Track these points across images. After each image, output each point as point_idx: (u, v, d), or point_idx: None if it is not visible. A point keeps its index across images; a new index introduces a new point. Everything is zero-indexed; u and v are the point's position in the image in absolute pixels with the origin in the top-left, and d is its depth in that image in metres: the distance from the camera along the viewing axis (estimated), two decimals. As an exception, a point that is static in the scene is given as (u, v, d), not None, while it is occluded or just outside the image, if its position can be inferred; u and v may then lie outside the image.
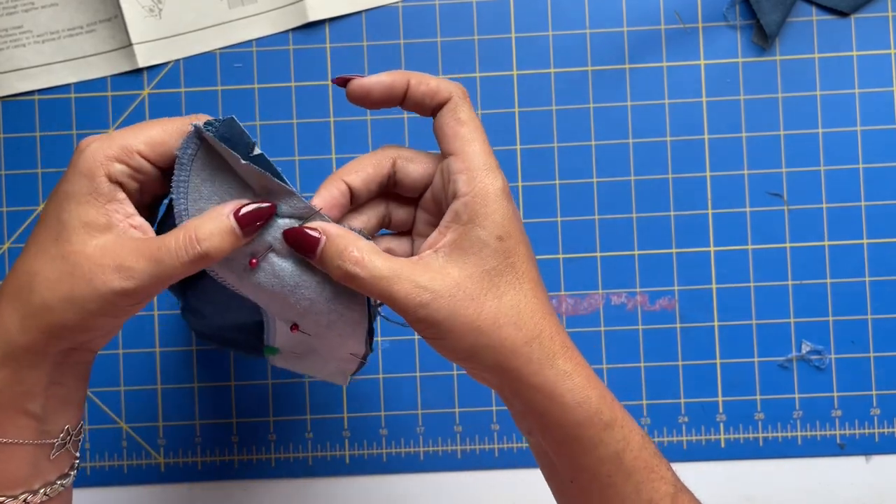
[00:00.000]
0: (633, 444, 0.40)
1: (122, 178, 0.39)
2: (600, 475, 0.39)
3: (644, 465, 0.39)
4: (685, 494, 0.41)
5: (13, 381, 0.39)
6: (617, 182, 0.62)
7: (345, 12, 0.63)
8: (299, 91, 0.63)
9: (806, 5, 0.62)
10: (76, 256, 0.38)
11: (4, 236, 0.63)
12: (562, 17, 0.63)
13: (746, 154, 0.62)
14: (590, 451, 0.39)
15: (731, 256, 0.62)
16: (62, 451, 0.41)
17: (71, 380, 0.41)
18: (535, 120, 0.63)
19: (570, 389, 0.39)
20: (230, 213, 0.38)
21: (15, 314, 0.38)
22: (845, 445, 0.62)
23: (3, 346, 0.38)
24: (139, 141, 0.39)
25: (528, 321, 0.39)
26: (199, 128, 0.38)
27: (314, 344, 0.45)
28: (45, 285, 0.38)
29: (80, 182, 0.38)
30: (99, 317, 0.38)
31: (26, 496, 0.40)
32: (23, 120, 0.63)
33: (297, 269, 0.40)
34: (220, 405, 0.63)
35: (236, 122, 0.38)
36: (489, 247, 0.39)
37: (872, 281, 0.62)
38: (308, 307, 0.41)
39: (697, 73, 0.62)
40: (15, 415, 0.39)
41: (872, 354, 0.62)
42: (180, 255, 0.37)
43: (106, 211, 0.38)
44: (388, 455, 0.63)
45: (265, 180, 0.39)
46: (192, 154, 0.39)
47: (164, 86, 0.63)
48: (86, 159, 0.38)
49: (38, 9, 0.63)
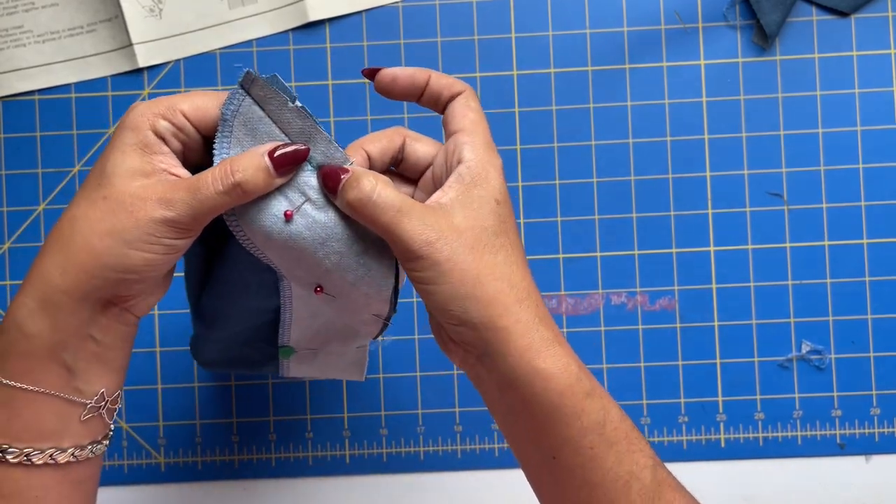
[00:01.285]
0: (612, 414, 0.40)
1: (166, 134, 0.40)
2: (583, 447, 0.40)
3: (624, 437, 0.40)
4: (663, 469, 0.41)
5: (50, 328, 0.39)
6: (617, 182, 0.62)
7: (345, 12, 0.63)
8: (299, 91, 0.63)
9: (806, 5, 0.63)
10: (118, 195, 0.39)
11: (4, 236, 0.63)
12: (562, 17, 0.63)
13: (746, 154, 0.62)
14: (572, 422, 0.39)
15: (731, 256, 0.62)
16: (95, 414, 0.42)
17: (109, 340, 0.41)
18: (535, 120, 0.63)
19: (553, 355, 0.40)
20: (265, 153, 0.40)
21: (56, 258, 0.39)
22: (845, 445, 0.62)
23: (42, 290, 0.39)
24: (184, 103, 0.41)
25: (520, 283, 0.41)
26: (250, 73, 0.40)
27: (338, 309, 0.45)
28: (87, 225, 0.39)
29: (127, 135, 0.40)
30: (140, 251, 0.39)
31: (53, 452, 0.41)
32: (23, 120, 0.63)
33: (330, 220, 0.41)
34: (221, 405, 0.63)
35: (279, 78, 0.40)
36: (488, 206, 0.41)
37: (872, 281, 0.62)
38: (337, 262, 0.42)
39: (697, 72, 0.62)
40: (48, 363, 0.40)
41: (872, 354, 0.62)
42: (216, 185, 0.39)
43: (150, 160, 0.40)
44: (388, 455, 0.63)
45: (306, 125, 0.41)
46: (236, 109, 0.40)
47: (164, 86, 0.63)
48: (133, 115, 0.40)
49: (38, 9, 0.63)
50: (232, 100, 0.40)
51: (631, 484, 0.40)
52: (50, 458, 0.40)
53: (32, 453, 0.40)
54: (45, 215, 0.63)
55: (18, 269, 0.63)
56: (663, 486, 0.40)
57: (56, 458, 0.41)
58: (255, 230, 0.41)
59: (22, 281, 0.40)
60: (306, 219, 0.41)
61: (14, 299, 0.40)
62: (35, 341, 0.40)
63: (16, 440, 0.40)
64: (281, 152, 0.40)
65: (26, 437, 0.40)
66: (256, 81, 0.40)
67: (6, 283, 0.63)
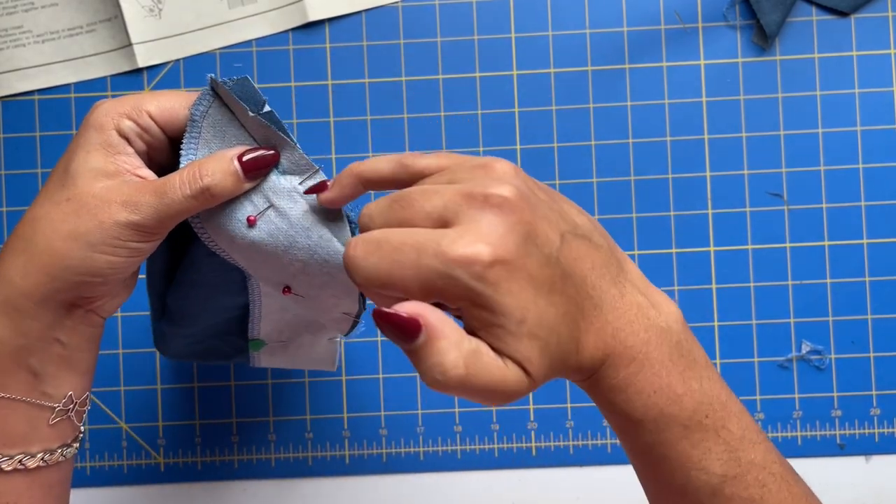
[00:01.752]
0: (664, 436, 0.37)
1: (130, 134, 0.40)
2: (638, 458, 0.39)
3: (677, 456, 0.37)
4: (735, 483, 0.38)
5: (13, 332, 0.39)
6: (617, 182, 0.62)
7: (345, 12, 0.63)
8: (299, 91, 0.63)
9: (806, 5, 0.62)
10: (82, 196, 0.38)
11: (4, 236, 0.63)
12: (562, 17, 0.63)
13: (746, 154, 0.62)
14: (625, 443, 0.39)
15: (731, 256, 0.62)
16: (63, 418, 0.41)
17: (75, 342, 0.41)
18: (535, 120, 0.63)
19: (614, 398, 0.37)
20: (234, 156, 0.39)
21: (17, 260, 0.39)
22: (845, 445, 0.62)
23: (4, 294, 0.39)
24: (150, 103, 0.40)
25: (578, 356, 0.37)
26: (215, 80, 0.39)
27: (306, 306, 0.45)
28: (49, 226, 0.38)
29: (91, 134, 0.39)
30: (103, 254, 0.38)
31: (22, 457, 0.40)
32: (23, 120, 0.63)
33: (292, 229, 0.41)
34: (220, 405, 0.63)
35: (249, 81, 0.40)
36: (545, 335, 0.35)
37: (872, 281, 0.62)
38: (301, 268, 0.42)
39: (697, 73, 0.62)
40: (14, 368, 0.39)
41: (872, 354, 0.62)
42: (184, 188, 0.38)
43: (114, 160, 0.39)
44: (388, 455, 0.63)
45: (269, 133, 0.40)
46: (205, 111, 0.40)
47: (163, 86, 0.63)
48: (97, 114, 0.40)
49: (38, 9, 0.63)
50: (201, 101, 0.40)
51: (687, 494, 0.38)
52: (19, 463, 0.40)
53: (1, 460, 0.40)
54: (44, 215, 0.63)
55: (18, 269, 0.63)
56: (729, 502, 0.38)
57: (26, 463, 0.40)
58: (220, 233, 0.41)
59: None
60: (269, 225, 0.41)
61: None
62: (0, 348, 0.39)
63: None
64: (250, 156, 0.39)
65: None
66: (220, 85, 0.39)
67: (6, 283, 0.63)
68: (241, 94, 0.39)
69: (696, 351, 0.38)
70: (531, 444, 0.62)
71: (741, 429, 0.38)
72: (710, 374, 0.38)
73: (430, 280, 0.33)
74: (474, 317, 0.34)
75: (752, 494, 0.37)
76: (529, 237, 0.34)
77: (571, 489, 0.62)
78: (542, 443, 0.62)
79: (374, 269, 0.34)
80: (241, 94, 0.39)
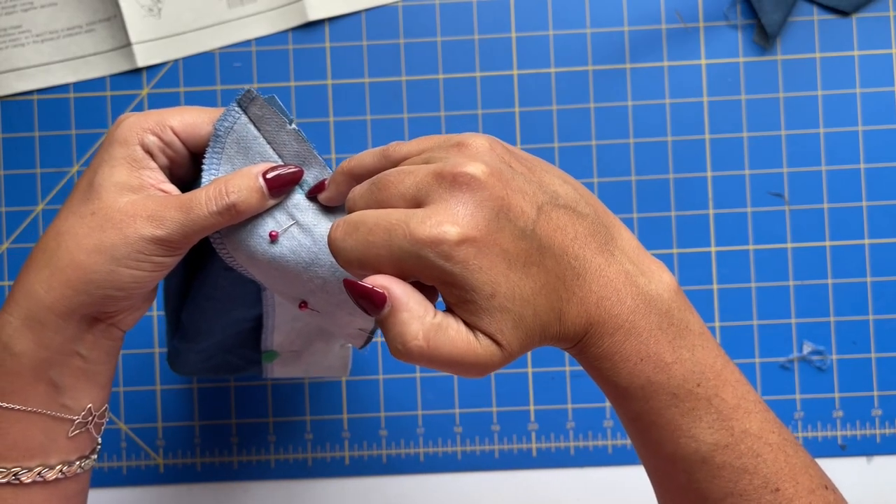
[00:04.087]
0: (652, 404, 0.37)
1: (154, 149, 0.40)
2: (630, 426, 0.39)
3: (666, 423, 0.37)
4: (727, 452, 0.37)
5: (35, 345, 0.39)
6: (617, 182, 0.62)
7: (344, 12, 0.63)
8: (299, 91, 0.63)
9: (807, 5, 0.62)
10: (107, 210, 0.39)
11: (4, 236, 0.63)
12: (562, 16, 0.63)
13: (747, 154, 0.62)
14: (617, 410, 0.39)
15: (732, 256, 0.62)
16: (82, 430, 0.41)
17: (95, 355, 0.41)
18: (535, 120, 0.62)
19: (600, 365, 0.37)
20: (259, 173, 0.39)
21: (41, 274, 0.39)
22: (847, 446, 0.62)
23: (27, 307, 0.39)
24: (174, 119, 0.40)
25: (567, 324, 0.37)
26: (250, 91, 0.40)
27: (321, 321, 0.45)
28: (74, 241, 0.38)
29: (115, 149, 0.40)
30: (127, 268, 0.38)
31: (41, 469, 0.40)
32: (22, 120, 0.63)
33: (315, 246, 0.41)
34: (220, 406, 0.63)
35: (276, 99, 0.40)
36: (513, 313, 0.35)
37: (874, 281, 0.62)
38: (320, 286, 0.42)
39: (698, 72, 0.62)
40: (35, 381, 0.39)
41: (874, 355, 0.62)
42: (210, 205, 0.39)
43: (139, 175, 0.39)
44: (388, 456, 0.62)
45: (302, 149, 0.40)
46: (230, 126, 0.40)
47: (163, 85, 0.63)
48: (122, 129, 0.40)
49: (36, 8, 0.62)
50: (227, 116, 0.40)
51: None
52: (38, 475, 0.40)
53: (21, 472, 0.40)
54: (43, 215, 0.63)
55: (18, 270, 0.63)
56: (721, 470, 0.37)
57: (45, 475, 0.40)
58: (240, 249, 0.41)
59: (6, 296, 0.40)
60: (292, 242, 0.41)
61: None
62: (21, 360, 0.39)
63: (3, 459, 0.40)
64: (275, 174, 0.40)
65: (14, 455, 0.40)
66: (256, 100, 0.40)
67: (6, 284, 0.63)
68: (270, 108, 0.40)
69: (691, 319, 0.38)
70: (532, 445, 0.62)
71: (736, 398, 0.37)
72: (705, 342, 0.38)
73: (401, 260, 0.34)
74: (448, 294, 0.35)
75: (745, 464, 0.37)
76: (501, 212, 0.34)
77: (572, 490, 0.62)
78: (542, 444, 0.62)
79: (351, 250, 0.35)
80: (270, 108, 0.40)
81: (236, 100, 0.40)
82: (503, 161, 0.36)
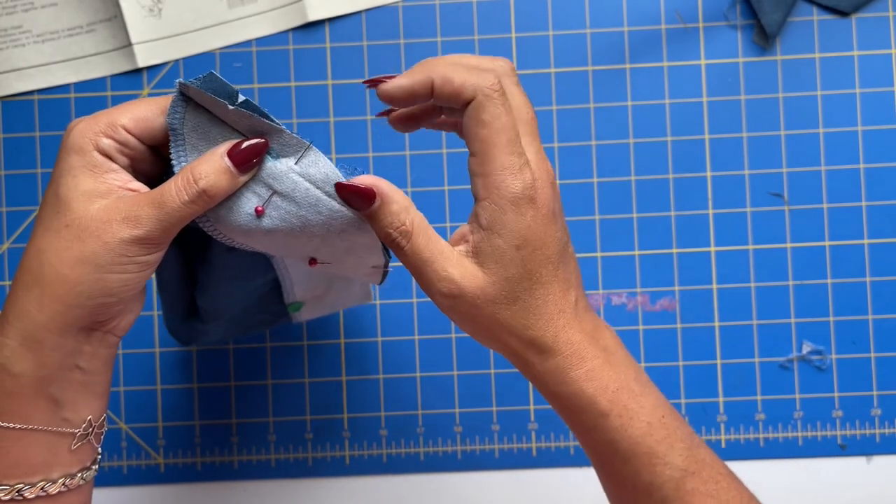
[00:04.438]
0: (632, 431, 0.41)
1: (111, 151, 0.39)
2: (602, 470, 0.43)
3: (645, 451, 0.41)
4: (695, 479, 0.41)
5: (34, 365, 0.39)
6: (617, 182, 0.62)
7: (345, 12, 0.63)
8: (299, 91, 0.63)
9: (807, 5, 0.62)
10: (80, 220, 0.38)
11: (4, 236, 0.63)
12: (562, 17, 0.63)
13: (747, 154, 0.62)
14: (585, 435, 0.42)
15: (731, 256, 0.62)
16: (84, 442, 0.42)
17: (94, 366, 0.41)
18: (535, 120, 0.62)
19: (566, 383, 0.41)
20: (223, 153, 0.39)
21: (31, 293, 0.39)
22: (846, 446, 0.62)
23: (22, 327, 0.39)
24: (123, 116, 0.40)
25: (538, 328, 0.41)
26: (184, 84, 0.39)
27: (334, 270, 0.47)
28: (55, 256, 0.38)
29: (73, 158, 0.39)
30: (113, 273, 0.38)
31: (44, 484, 0.40)
32: (22, 120, 0.63)
33: (301, 210, 0.41)
34: (220, 405, 0.63)
35: (216, 75, 0.39)
36: (507, 255, 0.40)
37: (873, 281, 0.62)
38: (320, 243, 0.42)
39: (698, 72, 0.62)
40: (35, 399, 0.39)
41: (873, 354, 0.62)
42: (181, 195, 0.38)
43: (104, 180, 0.39)
44: (388, 455, 0.62)
45: (254, 122, 0.40)
46: (182, 117, 0.40)
47: (163, 86, 0.63)
48: (74, 136, 0.39)
49: (37, 9, 0.62)
50: (175, 109, 0.40)
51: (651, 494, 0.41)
52: (41, 490, 0.40)
53: (24, 488, 0.40)
54: (44, 215, 0.63)
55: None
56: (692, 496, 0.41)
57: (48, 489, 0.40)
58: (234, 230, 0.41)
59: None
60: (278, 211, 0.41)
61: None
62: (21, 380, 0.39)
63: (6, 477, 0.40)
64: (239, 150, 0.39)
65: (17, 473, 0.40)
66: (191, 90, 0.39)
67: (6, 284, 0.63)
68: (213, 90, 0.39)
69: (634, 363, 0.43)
70: (531, 444, 0.62)
71: (688, 434, 0.42)
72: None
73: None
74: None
75: (709, 489, 0.41)
76: (558, 216, 0.42)
77: (572, 490, 0.62)
78: (542, 443, 0.62)
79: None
80: (212, 90, 0.39)
81: (177, 91, 0.40)
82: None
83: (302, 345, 0.63)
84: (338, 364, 0.63)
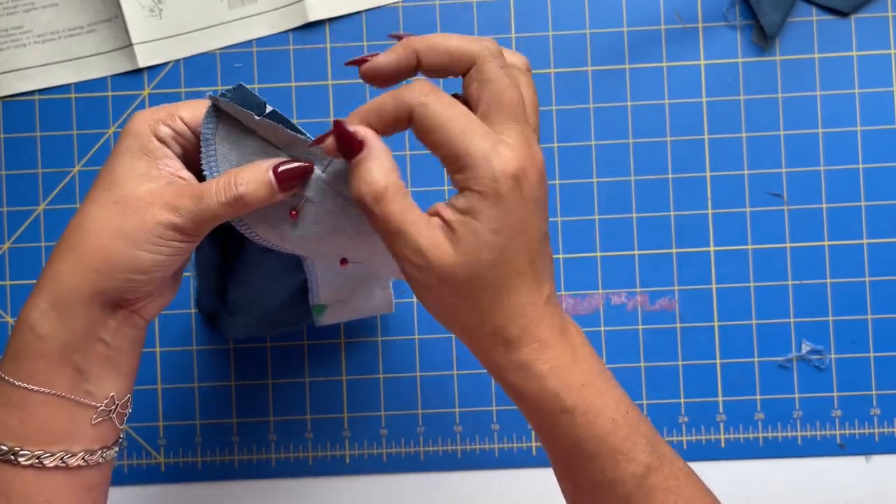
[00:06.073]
0: (597, 429, 0.40)
1: (167, 139, 0.42)
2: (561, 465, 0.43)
3: (609, 448, 0.40)
4: (657, 475, 0.41)
5: (61, 329, 0.40)
6: (617, 182, 0.62)
7: (345, 12, 0.63)
8: (299, 91, 0.63)
9: (806, 5, 0.62)
10: (128, 199, 0.41)
11: (4, 236, 0.63)
12: (562, 17, 0.63)
13: (746, 154, 0.62)
14: (548, 432, 0.41)
15: (731, 256, 0.62)
16: (105, 419, 0.42)
17: (118, 342, 0.42)
18: (535, 120, 0.63)
19: (522, 379, 0.40)
20: (270, 167, 0.41)
21: (67, 259, 0.41)
22: (845, 445, 0.62)
23: (53, 291, 0.40)
24: (182, 109, 0.43)
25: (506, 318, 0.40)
26: (215, 98, 0.41)
27: (365, 269, 0.49)
28: (98, 227, 0.40)
29: (131, 141, 0.42)
30: (147, 252, 0.40)
31: (64, 455, 0.41)
32: (23, 120, 0.63)
33: (330, 215, 0.43)
34: (221, 405, 0.63)
35: (244, 86, 0.41)
36: (482, 238, 0.38)
37: (872, 281, 0.62)
38: (352, 242, 0.44)
39: (697, 73, 0.62)
40: (60, 364, 0.41)
41: (872, 354, 0.62)
42: (219, 195, 0.40)
43: (156, 165, 0.42)
44: (388, 455, 0.63)
45: (279, 132, 0.41)
46: (214, 128, 0.42)
47: (164, 86, 0.63)
48: (135, 121, 0.42)
49: (38, 9, 0.63)
50: (208, 120, 0.42)
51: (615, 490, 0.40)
52: (61, 461, 0.41)
53: (44, 455, 0.40)
54: (44, 215, 0.63)
55: (18, 270, 0.63)
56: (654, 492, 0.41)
57: (67, 461, 0.41)
58: (270, 233, 0.43)
59: (34, 283, 0.41)
60: (311, 215, 0.43)
61: (27, 301, 0.41)
62: (47, 342, 0.40)
63: (27, 442, 0.41)
64: (285, 168, 0.41)
65: (38, 439, 0.41)
66: (221, 101, 0.41)
67: (6, 283, 0.63)
68: (241, 101, 0.41)
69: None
70: (531, 443, 0.62)
71: (650, 430, 0.42)
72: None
73: None
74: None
75: (669, 485, 0.41)
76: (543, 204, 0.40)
77: (571, 489, 0.62)
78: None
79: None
80: (240, 101, 0.41)
81: (210, 104, 0.42)
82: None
83: (302, 344, 0.63)
84: (338, 363, 0.63)
